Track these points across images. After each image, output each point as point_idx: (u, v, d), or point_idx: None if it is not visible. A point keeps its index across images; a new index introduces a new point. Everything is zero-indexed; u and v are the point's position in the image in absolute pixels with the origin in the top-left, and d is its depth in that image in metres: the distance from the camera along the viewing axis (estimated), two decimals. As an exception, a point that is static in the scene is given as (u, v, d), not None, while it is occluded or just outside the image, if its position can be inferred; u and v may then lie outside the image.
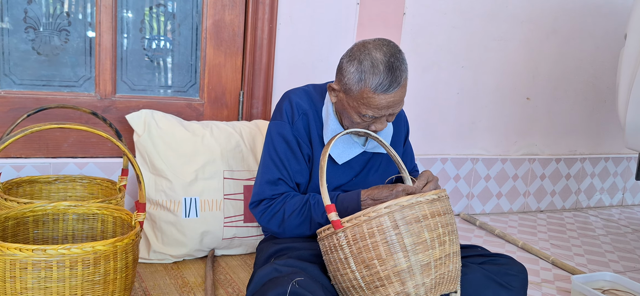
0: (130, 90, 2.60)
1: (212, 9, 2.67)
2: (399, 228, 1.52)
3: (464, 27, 3.32)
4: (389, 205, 1.53)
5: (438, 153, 3.41)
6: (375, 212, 1.52)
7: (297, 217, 1.89)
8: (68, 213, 1.87)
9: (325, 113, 1.96)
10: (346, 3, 2.94)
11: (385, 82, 1.74)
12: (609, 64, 3.89)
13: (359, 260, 1.54)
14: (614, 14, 3.81)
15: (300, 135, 1.96)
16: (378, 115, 1.80)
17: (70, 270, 1.47)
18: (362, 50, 1.79)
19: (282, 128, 1.96)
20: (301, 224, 1.90)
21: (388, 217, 1.52)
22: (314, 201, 1.89)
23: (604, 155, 4.07)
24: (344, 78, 1.81)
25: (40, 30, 2.40)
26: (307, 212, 1.88)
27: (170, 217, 2.30)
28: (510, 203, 3.72)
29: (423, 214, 1.56)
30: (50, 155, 2.46)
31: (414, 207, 1.55)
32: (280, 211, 1.91)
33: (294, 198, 1.91)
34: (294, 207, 1.89)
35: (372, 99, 1.76)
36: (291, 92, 2.03)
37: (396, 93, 1.77)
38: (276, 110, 2.02)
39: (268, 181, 1.94)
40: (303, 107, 1.97)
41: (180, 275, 2.21)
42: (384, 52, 1.77)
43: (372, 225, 1.53)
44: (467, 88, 3.43)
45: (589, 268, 2.80)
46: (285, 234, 1.93)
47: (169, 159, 2.32)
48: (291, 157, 1.95)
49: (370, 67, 1.75)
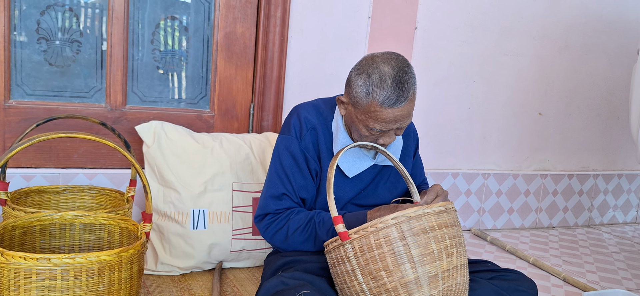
0: (141, 102, 2.61)
1: (224, 21, 2.68)
2: (406, 239, 1.52)
3: (475, 42, 3.31)
4: (396, 216, 1.52)
5: (449, 168, 3.39)
6: (382, 223, 1.52)
7: (302, 234, 1.89)
8: (75, 223, 1.87)
9: (335, 127, 1.96)
10: (357, 17, 2.94)
11: (393, 96, 1.73)
12: (623, 80, 3.86)
13: (366, 271, 1.54)
14: (627, 30, 3.78)
15: (308, 150, 1.96)
16: (385, 128, 1.80)
17: (75, 279, 1.47)
18: (370, 64, 1.78)
19: (290, 143, 1.96)
20: (305, 241, 1.91)
21: (395, 228, 1.52)
22: (319, 219, 1.89)
23: (618, 172, 4.02)
24: (352, 91, 1.81)
25: (52, 42, 2.42)
26: (312, 229, 1.89)
27: (178, 229, 2.30)
28: (522, 219, 3.69)
29: (430, 225, 1.55)
30: (61, 166, 2.47)
31: (421, 218, 1.55)
32: (284, 227, 1.91)
33: (299, 215, 1.91)
34: (298, 224, 1.90)
35: (379, 113, 1.76)
36: (300, 107, 2.03)
37: (404, 107, 1.76)
38: (284, 124, 2.02)
39: (272, 195, 1.95)
40: (312, 122, 1.97)
41: (187, 287, 2.20)
42: (392, 66, 1.76)
43: (379, 236, 1.52)
44: (479, 103, 3.41)
45: (601, 286, 2.76)
46: (288, 249, 1.95)
47: (178, 171, 2.32)
48: (297, 171, 1.95)
49: (378, 80, 1.74)
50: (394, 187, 2.08)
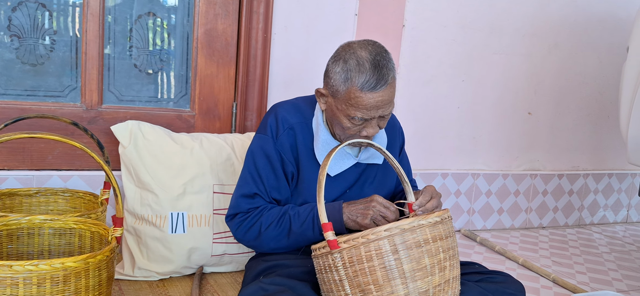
0: (117, 101, 2.54)
1: (204, 17, 2.61)
2: (399, 253, 1.45)
3: (464, 41, 3.26)
4: (390, 228, 1.46)
5: (438, 169, 3.35)
6: (374, 235, 1.46)
7: (275, 229, 1.86)
8: (44, 227, 1.80)
9: (316, 124, 1.92)
10: (344, 14, 2.89)
11: (372, 79, 1.71)
12: (613, 79, 3.83)
13: (355, 283, 1.48)
14: (617, 28, 3.75)
15: (284, 151, 1.92)
16: (367, 116, 1.76)
17: (38, 287, 1.40)
18: (347, 50, 1.77)
19: (265, 143, 1.93)
20: (279, 236, 1.87)
21: (388, 240, 1.46)
22: (294, 212, 1.86)
23: (608, 171, 3.99)
24: (330, 80, 1.79)
25: (25, 39, 2.35)
26: (287, 223, 1.85)
27: (156, 233, 2.22)
28: (512, 220, 3.65)
29: (424, 238, 1.49)
30: (34, 167, 2.40)
31: (415, 231, 1.48)
32: (256, 223, 1.88)
33: (272, 210, 1.89)
34: (271, 219, 1.87)
35: (359, 99, 1.72)
36: (278, 106, 2.00)
37: (384, 91, 1.73)
38: (261, 123, 1.99)
39: (243, 195, 1.92)
40: (289, 122, 1.93)
41: (165, 293, 2.13)
42: (369, 51, 1.75)
43: (370, 248, 1.46)
44: (468, 103, 3.37)
45: (591, 287, 2.72)
46: (262, 248, 1.91)
47: (156, 172, 2.25)
48: (270, 172, 1.92)
49: (356, 65, 1.72)
50: (380, 186, 2.04)
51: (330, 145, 1.91)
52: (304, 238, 1.85)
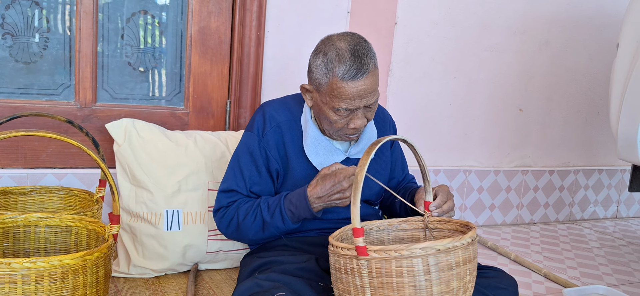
0: (111, 99, 2.54)
1: (198, 15, 2.62)
2: (431, 275, 1.41)
3: (456, 38, 3.27)
4: (425, 248, 1.40)
5: (430, 165, 3.36)
6: (408, 251, 1.40)
7: (250, 219, 1.89)
8: (40, 225, 1.80)
9: (304, 120, 1.94)
10: (336, 12, 2.89)
11: (352, 68, 1.73)
12: (603, 76, 3.85)
13: (378, 294, 1.43)
14: (607, 26, 3.78)
15: (270, 149, 1.94)
16: (352, 107, 1.78)
17: (36, 284, 1.40)
18: (326, 43, 1.80)
19: (250, 140, 1.97)
20: (255, 227, 1.90)
21: (422, 259, 1.40)
22: (265, 203, 1.89)
23: (598, 167, 4.02)
24: (313, 74, 1.81)
25: (18, 37, 2.34)
26: (259, 213, 1.88)
27: (152, 230, 2.23)
28: (504, 216, 3.67)
29: (456, 261, 1.45)
30: (28, 166, 2.40)
31: (450, 253, 1.43)
32: (234, 217, 1.93)
33: (246, 203, 1.92)
34: (246, 211, 1.90)
35: (342, 89, 1.74)
36: (266, 104, 2.02)
37: (366, 80, 1.75)
38: (250, 121, 2.03)
39: (223, 190, 1.99)
40: (277, 120, 1.95)
41: (161, 290, 2.14)
42: (348, 42, 1.77)
43: (402, 265, 1.40)
44: (460, 100, 3.38)
45: (582, 281, 2.74)
46: (245, 239, 1.97)
47: (151, 170, 2.25)
48: (253, 168, 1.95)
49: (336, 56, 1.75)
50: (368, 180, 2.04)
51: (319, 141, 1.92)
52: (277, 228, 1.88)
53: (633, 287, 2.73)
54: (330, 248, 1.54)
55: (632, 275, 2.91)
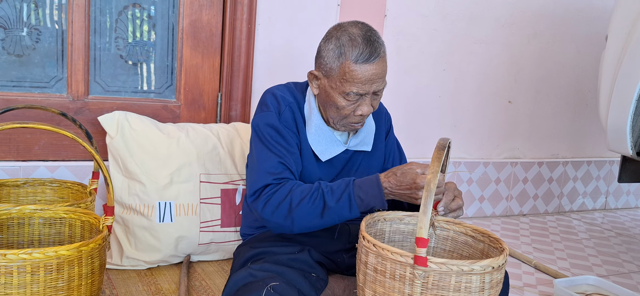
0: (103, 92, 2.54)
1: (189, 8, 2.62)
2: (484, 292, 1.40)
3: (445, 30, 3.29)
4: (484, 266, 1.39)
5: (420, 157, 3.38)
6: (468, 267, 1.37)
7: (307, 204, 1.75)
8: (34, 217, 1.80)
9: (308, 109, 1.94)
10: (326, 4, 2.90)
11: (366, 51, 1.75)
12: (591, 68, 3.88)
13: None
14: (595, 18, 3.80)
15: (289, 125, 1.91)
16: (362, 91, 1.79)
17: (32, 275, 1.41)
18: (338, 29, 1.82)
19: (270, 119, 1.89)
20: (311, 212, 1.75)
21: (480, 277, 1.39)
22: (327, 188, 1.77)
23: (587, 159, 4.05)
24: (324, 59, 1.82)
25: (11, 30, 2.34)
26: (319, 197, 1.75)
27: (144, 222, 2.24)
28: (493, 207, 3.69)
29: (502, 276, 1.46)
30: (21, 158, 2.39)
31: (501, 269, 1.44)
32: (286, 199, 1.77)
33: (302, 186, 1.78)
34: (302, 194, 1.76)
35: (354, 73, 1.76)
36: (273, 88, 2.00)
37: (377, 64, 1.78)
38: (260, 104, 1.96)
39: (267, 171, 1.82)
40: (288, 100, 1.94)
41: (153, 282, 2.15)
42: (360, 28, 1.80)
43: (461, 280, 1.37)
44: (449, 92, 3.40)
45: (572, 272, 2.77)
46: (293, 226, 1.78)
47: (143, 162, 2.26)
48: (284, 144, 1.87)
49: (349, 40, 1.77)
50: (365, 172, 2.05)
51: (322, 130, 1.92)
52: (340, 216, 1.76)
53: (622, 278, 2.76)
54: (373, 249, 1.47)
55: (622, 266, 2.94)
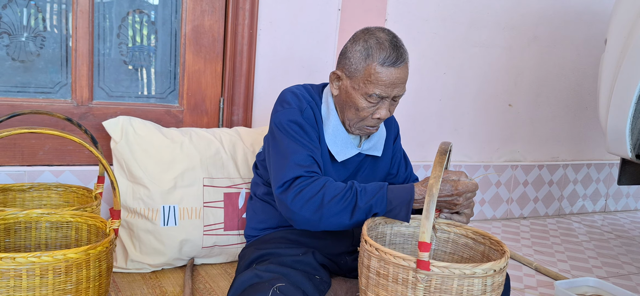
0: (107, 97, 2.56)
1: (191, 14, 2.64)
2: (486, 294, 1.41)
3: (445, 34, 3.31)
4: (486, 269, 1.40)
5: (421, 161, 3.39)
6: (470, 270, 1.38)
7: (339, 203, 1.73)
8: (41, 221, 1.82)
9: (326, 110, 1.96)
10: (327, 8, 2.92)
11: (392, 55, 1.80)
12: (591, 71, 3.90)
13: None
14: (595, 21, 3.82)
15: (311, 123, 1.91)
16: (385, 94, 1.82)
17: (41, 278, 1.43)
18: (365, 33, 1.86)
19: (294, 115, 1.88)
20: (342, 211, 1.73)
21: (482, 280, 1.40)
22: (361, 188, 1.76)
23: (587, 162, 4.07)
24: (349, 60, 1.85)
25: (15, 36, 2.36)
26: (353, 198, 1.74)
27: (149, 226, 2.25)
28: (494, 210, 3.71)
29: (502, 280, 1.47)
30: (26, 163, 2.41)
31: (502, 273, 1.45)
32: (318, 194, 1.74)
33: (335, 183, 1.77)
34: (335, 192, 1.74)
35: (379, 75, 1.80)
36: (292, 87, 2.00)
37: (401, 69, 1.82)
38: (280, 102, 1.94)
39: (297, 163, 1.81)
40: (307, 98, 1.95)
41: (158, 285, 2.16)
42: (387, 33, 1.85)
43: (463, 283, 1.38)
44: (450, 95, 3.41)
45: (572, 274, 2.78)
46: (320, 222, 1.75)
47: (147, 166, 2.28)
48: (304, 135, 1.87)
49: (376, 43, 1.81)
50: (371, 176, 2.09)
51: (338, 131, 1.94)
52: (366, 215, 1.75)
53: (622, 279, 2.78)
54: (375, 252, 1.49)
55: (621, 267, 2.95)
